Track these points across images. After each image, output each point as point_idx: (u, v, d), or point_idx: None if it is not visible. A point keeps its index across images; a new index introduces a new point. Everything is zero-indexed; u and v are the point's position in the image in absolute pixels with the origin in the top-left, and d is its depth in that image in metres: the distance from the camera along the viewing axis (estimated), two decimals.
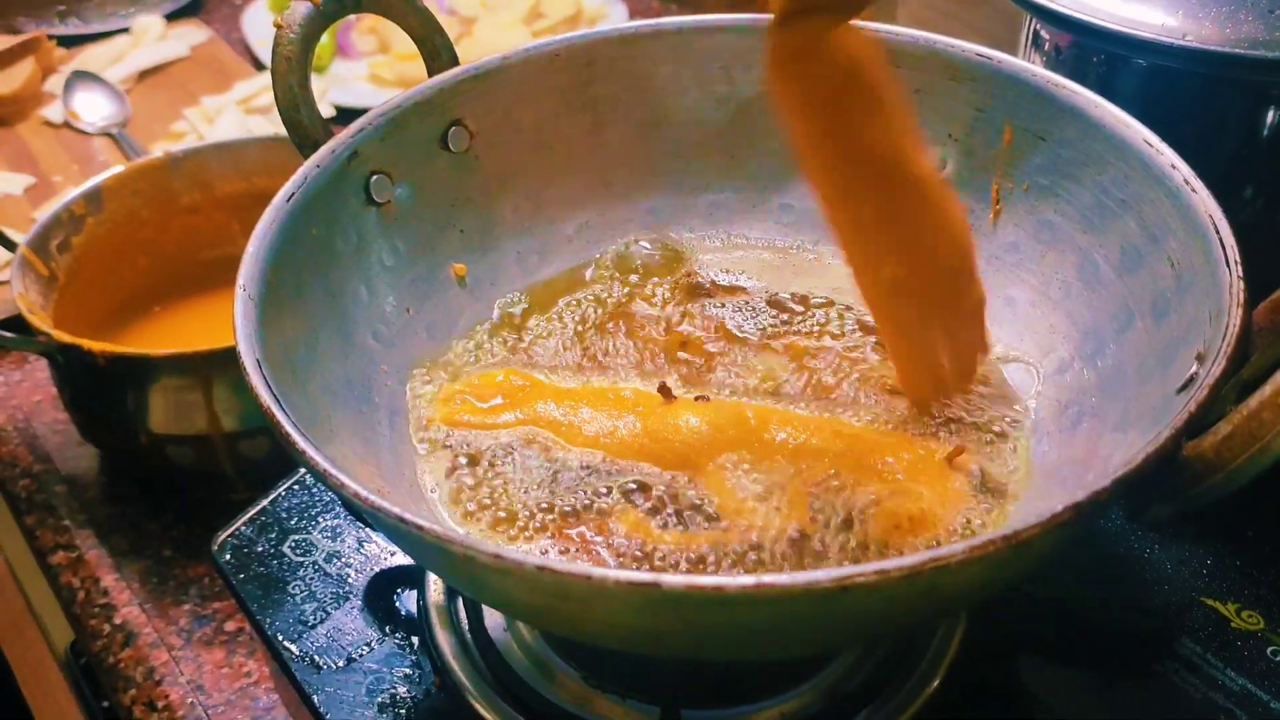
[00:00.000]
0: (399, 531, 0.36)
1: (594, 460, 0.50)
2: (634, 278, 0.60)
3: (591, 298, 0.59)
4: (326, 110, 1.20)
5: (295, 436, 0.39)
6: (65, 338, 0.75)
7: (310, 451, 0.38)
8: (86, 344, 0.74)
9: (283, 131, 1.03)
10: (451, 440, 0.52)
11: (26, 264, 0.81)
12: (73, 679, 0.82)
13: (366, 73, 1.28)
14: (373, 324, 0.54)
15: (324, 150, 0.53)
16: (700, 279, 0.60)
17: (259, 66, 1.29)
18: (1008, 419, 0.51)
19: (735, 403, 0.51)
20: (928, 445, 0.49)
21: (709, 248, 0.63)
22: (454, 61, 0.59)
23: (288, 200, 0.50)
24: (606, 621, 0.37)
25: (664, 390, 0.51)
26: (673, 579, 0.33)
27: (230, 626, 0.73)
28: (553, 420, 0.51)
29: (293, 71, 0.52)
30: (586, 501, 0.49)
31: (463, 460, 0.51)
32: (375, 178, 0.56)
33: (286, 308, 0.48)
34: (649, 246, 0.62)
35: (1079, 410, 0.50)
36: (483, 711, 0.51)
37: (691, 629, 0.36)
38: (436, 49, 0.58)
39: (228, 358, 0.74)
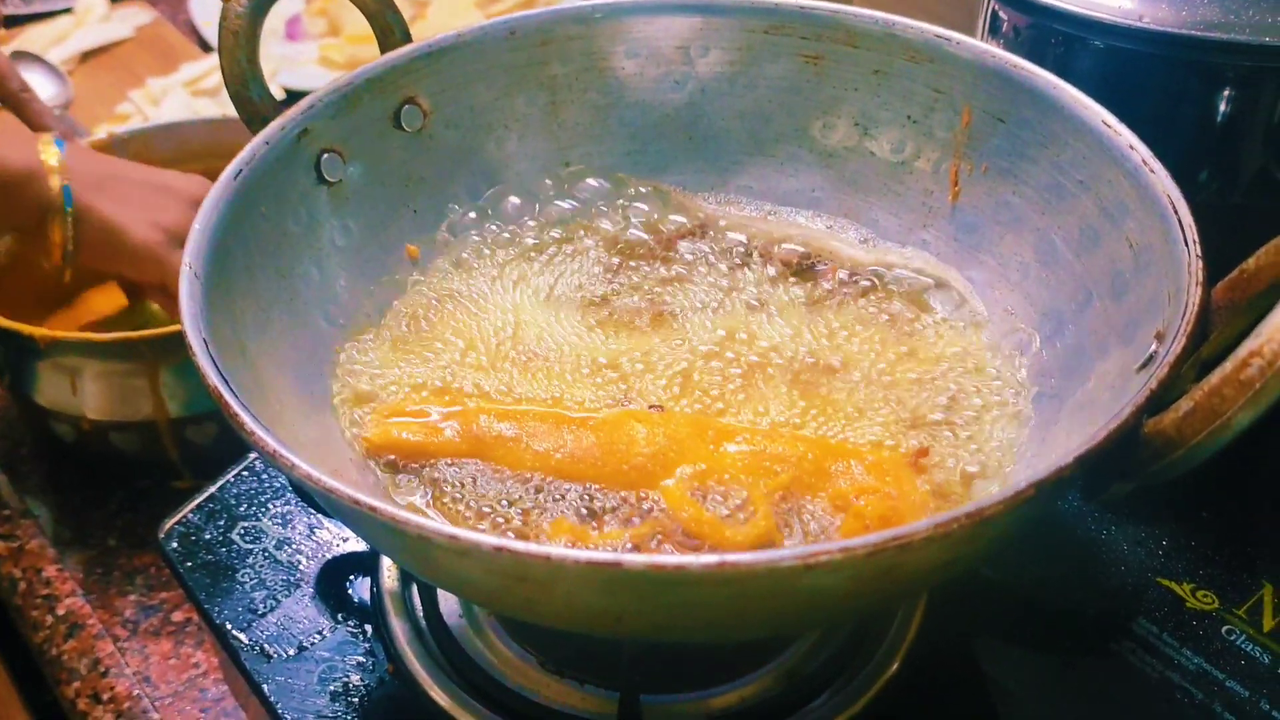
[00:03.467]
0: (354, 514, 0.35)
1: (538, 480, 0.48)
2: (590, 254, 0.60)
3: (547, 276, 0.58)
4: (276, 92, 1.17)
5: (244, 417, 0.38)
6: (5, 323, 0.73)
7: (259, 432, 0.37)
8: (27, 329, 0.72)
9: (230, 113, 1.02)
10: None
11: None
12: (13, 672, 0.80)
13: (317, 55, 1.26)
14: (324, 305, 0.53)
15: (273, 127, 0.52)
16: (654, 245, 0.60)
17: (206, 48, 1.26)
18: (967, 408, 0.51)
19: (691, 415, 0.50)
20: (889, 447, 0.49)
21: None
22: (407, 39, 0.57)
23: (235, 177, 0.49)
24: (565, 603, 0.36)
25: (657, 409, 0.50)
26: (634, 558, 0.32)
27: (178, 617, 0.71)
28: (495, 440, 0.49)
29: (240, 46, 0.51)
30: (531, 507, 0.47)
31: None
32: (326, 156, 0.54)
33: (236, 288, 0.47)
34: (610, 226, 0.61)
35: (1039, 391, 0.50)
36: (437, 698, 0.50)
37: (652, 610, 0.36)
38: (389, 26, 0.57)
39: (174, 342, 0.73)
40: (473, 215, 0.60)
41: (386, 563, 0.56)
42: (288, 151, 0.52)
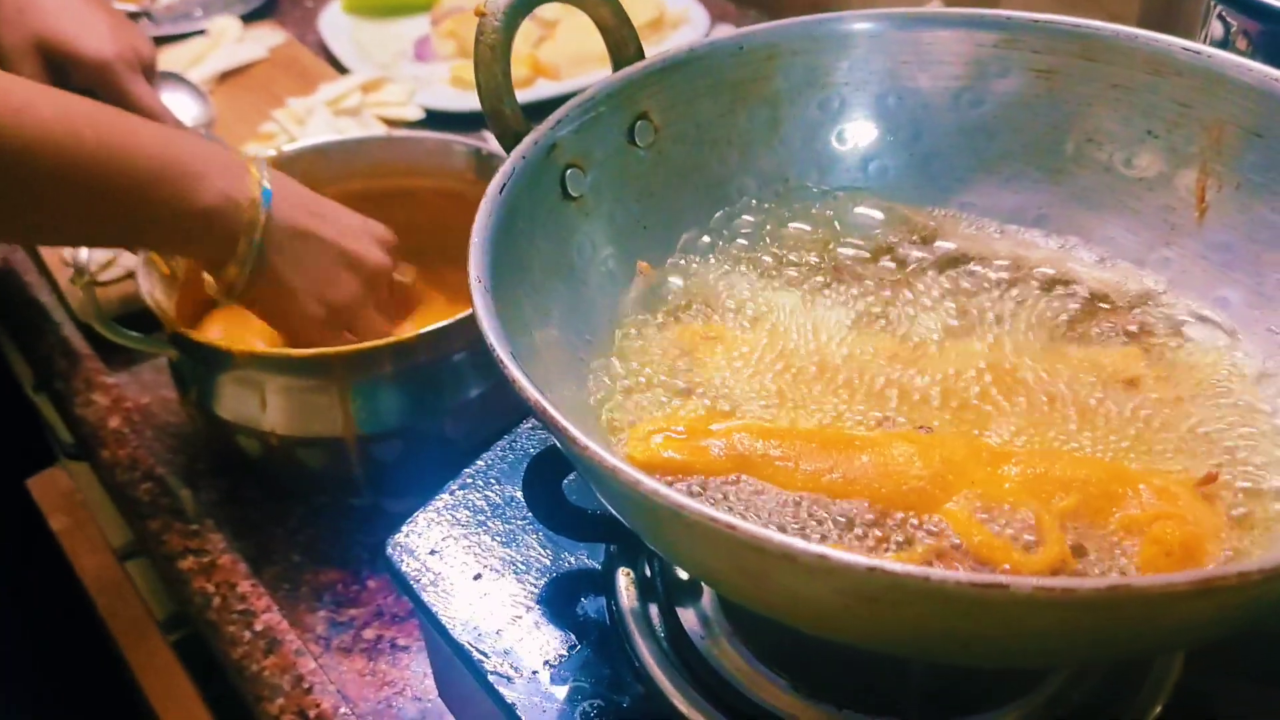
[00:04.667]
0: (709, 533, 0.34)
1: (806, 500, 0.47)
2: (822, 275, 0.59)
3: (784, 295, 0.58)
4: (415, 113, 1.18)
5: (573, 432, 0.37)
6: (201, 338, 0.73)
7: (594, 448, 0.36)
8: (223, 344, 0.73)
9: (380, 130, 1.03)
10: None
11: (150, 263, 0.79)
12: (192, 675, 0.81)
13: (448, 75, 1.26)
14: (573, 321, 0.53)
15: (527, 141, 0.52)
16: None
17: (339, 68, 1.27)
18: (1242, 432, 0.49)
19: (962, 435, 0.49)
20: (1175, 470, 0.47)
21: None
22: (640, 55, 0.57)
23: (500, 191, 0.49)
24: (910, 626, 0.35)
25: (926, 430, 0.49)
26: (1021, 580, 0.31)
27: (369, 634, 0.71)
28: (761, 459, 0.48)
29: (497, 60, 0.51)
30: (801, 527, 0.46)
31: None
32: (570, 171, 0.54)
33: (508, 300, 0.47)
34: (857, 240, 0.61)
35: None
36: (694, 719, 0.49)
37: (1006, 635, 0.34)
38: (624, 41, 0.56)
39: (366, 359, 0.73)
40: (702, 234, 0.59)
41: (623, 581, 0.55)
42: (540, 166, 0.52)
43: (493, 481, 0.61)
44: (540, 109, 1.18)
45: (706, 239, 0.59)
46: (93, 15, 0.90)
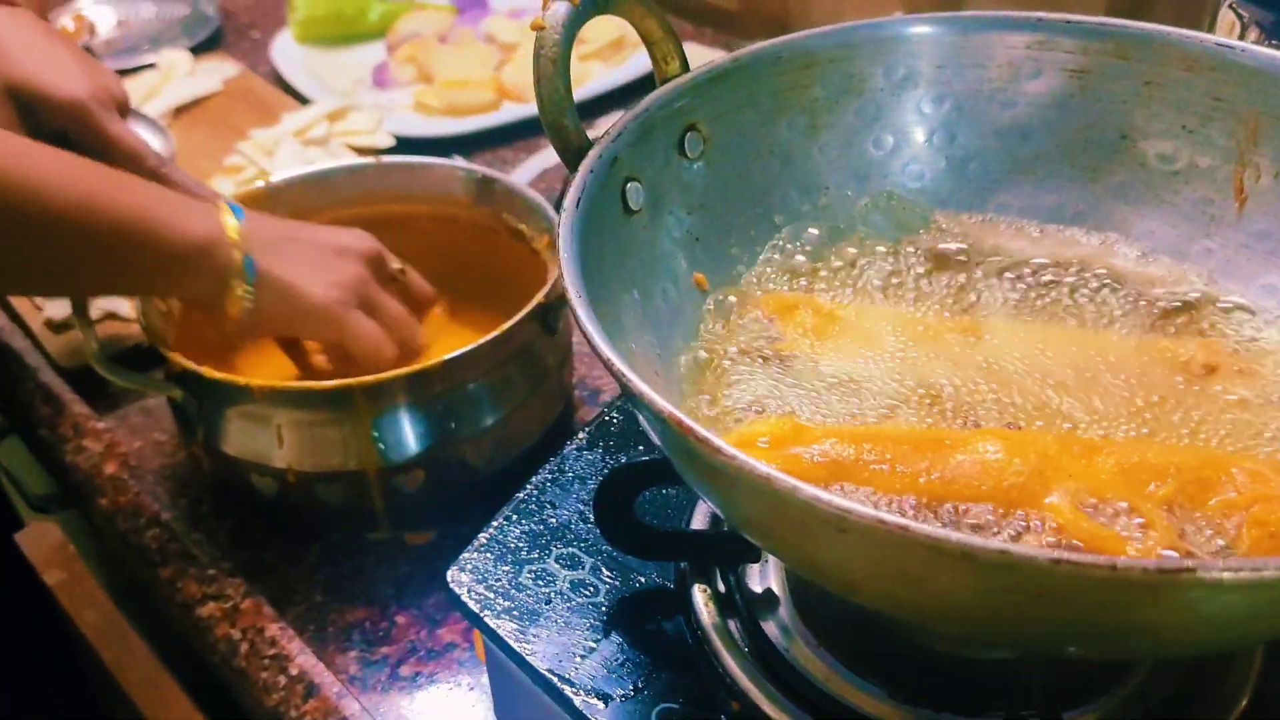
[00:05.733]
0: (867, 531, 0.34)
1: (899, 503, 0.47)
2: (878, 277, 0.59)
3: (842, 298, 0.57)
4: (385, 140, 1.16)
5: (717, 442, 0.36)
6: (216, 374, 0.71)
7: (741, 458, 0.36)
8: (241, 380, 0.70)
9: (356, 159, 1.00)
10: None
11: (148, 300, 0.77)
12: None
13: (411, 102, 1.25)
14: (642, 334, 0.52)
15: (592, 155, 0.51)
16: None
17: (299, 98, 1.25)
18: None
19: (1050, 430, 0.49)
20: (1262, 453, 0.48)
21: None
22: (685, 67, 0.57)
23: (576, 206, 0.48)
24: (1082, 619, 0.35)
25: (1014, 427, 0.49)
26: (1209, 564, 0.31)
27: (405, 671, 0.69)
28: (855, 464, 0.48)
29: (559, 74, 0.50)
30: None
31: None
32: (630, 184, 0.53)
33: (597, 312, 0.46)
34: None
35: None
36: None
37: (1178, 620, 0.35)
38: (670, 53, 0.56)
39: (387, 389, 0.72)
40: (750, 246, 0.59)
41: (700, 598, 0.54)
42: (605, 181, 0.51)
43: (547, 506, 0.60)
44: (506, 133, 1.19)
45: (756, 251, 0.59)
46: (61, 56, 0.87)
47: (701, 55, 1.20)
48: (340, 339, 0.75)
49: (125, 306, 0.92)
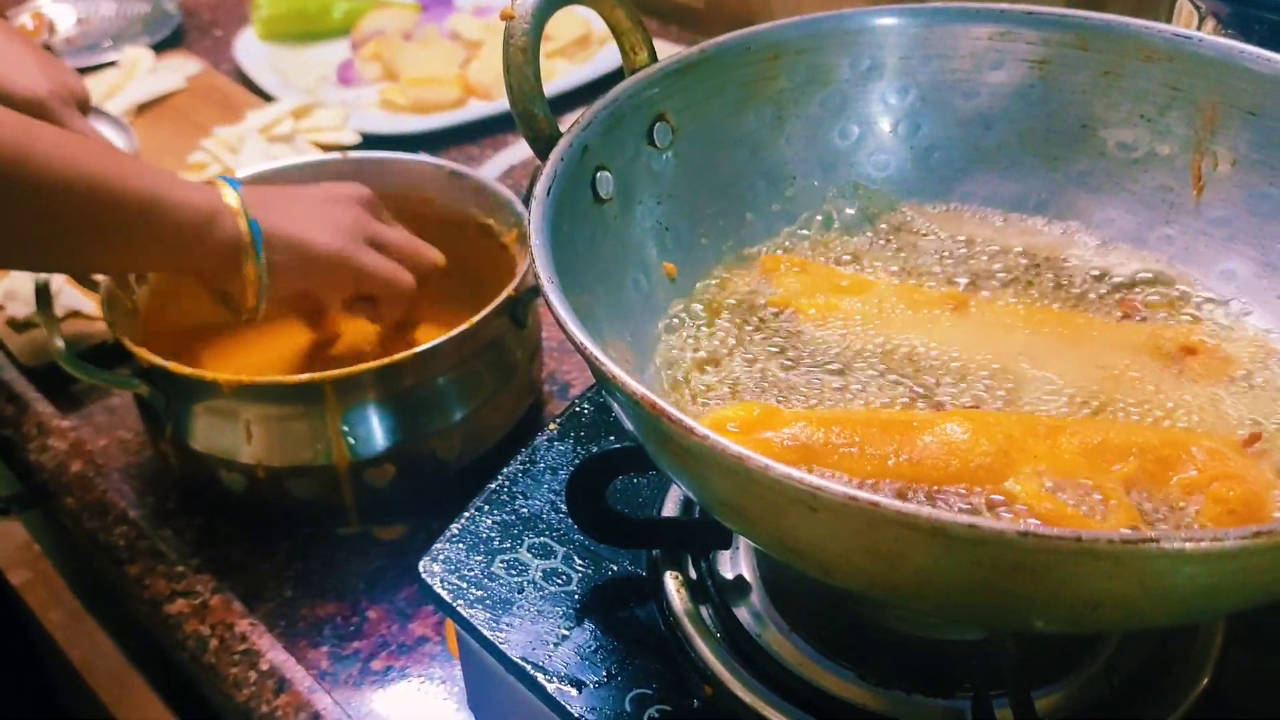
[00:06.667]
0: (838, 508, 0.34)
1: (884, 483, 0.47)
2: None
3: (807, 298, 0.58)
4: (351, 137, 1.16)
5: (698, 428, 0.37)
6: (184, 370, 0.70)
7: (714, 438, 0.36)
8: (210, 375, 0.70)
9: (319, 155, 1.00)
10: None
11: (113, 298, 0.76)
12: None
13: (377, 99, 1.24)
14: (613, 321, 0.52)
15: (562, 144, 0.51)
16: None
17: (263, 96, 1.24)
18: (1271, 392, 0.51)
19: (1015, 411, 0.50)
20: (1220, 432, 0.49)
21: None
22: (654, 58, 0.57)
23: (547, 193, 0.48)
24: (1051, 592, 0.35)
25: (973, 407, 0.50)
26: (1171, 534, 0.32)
27: (377, 665, 0.69)
28: (825, 447, 0.48)
29: (529, 63, 0.50)
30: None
31: None
32: (600, 173, 0.54)
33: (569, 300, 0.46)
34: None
35: None
36: (769, 715, 0.49)
37: (1144, 591, 0.35)
38: (638, 44, 0.56)
39: (357, 382, 0.71)
40: (719, 236, 0.59)
41: (672, 585, 0.54)
42: (575, 170, 0.51)
43: (519, 496, 0.60)
44: (473, 130, 1.19)
45: (725, 241, 0.59)
46: (20, 53, 0.86)
47: (668, 52, 1.21)
48: (356, 280, 0.75)
49: (90, 304, 0.91)
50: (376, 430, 0.73)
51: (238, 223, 0.69)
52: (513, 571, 0.56)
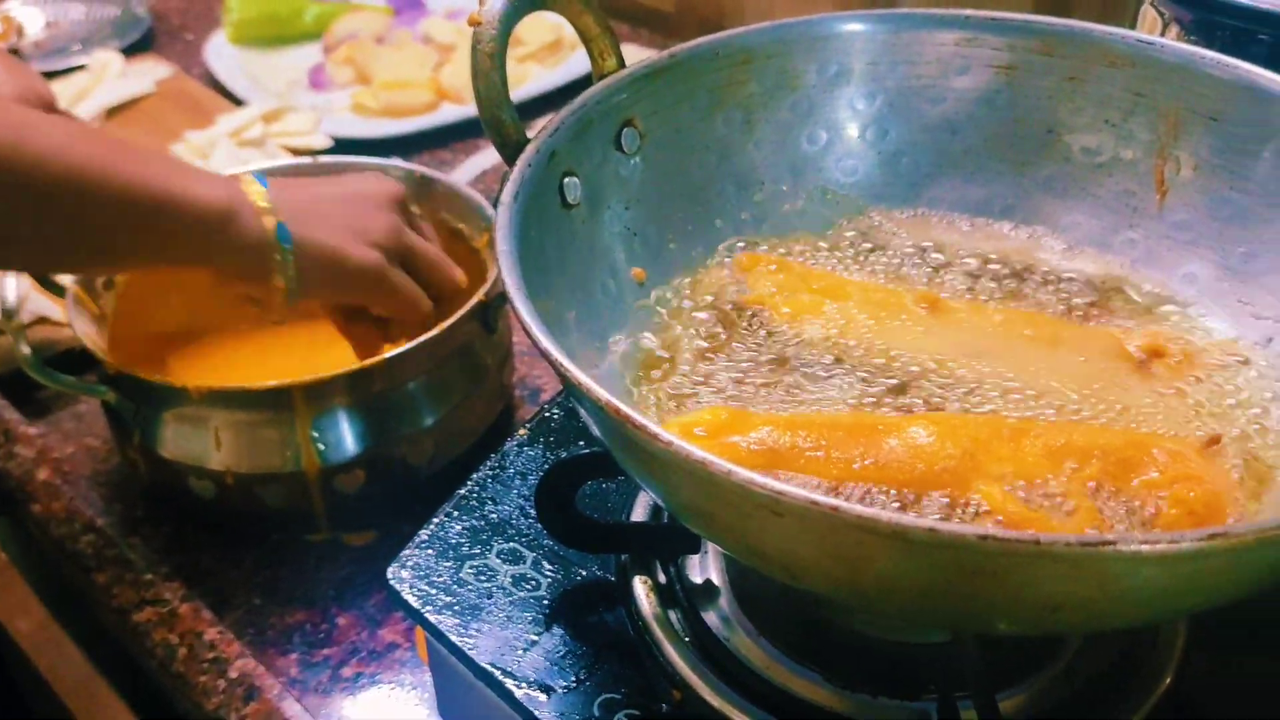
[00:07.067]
0: (800, 512, 0.34)
1: (849, 486, 0.48)
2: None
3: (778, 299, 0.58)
4: (322, 141, 1.16)
5: (653, 429, 0.37)
6: (154, 377, 0.70)
7: (682, 447, 0.36)
8: (178, 382, 0.70)
9: (292, 159, 0.99)
10: None
11: (80, 304, 0.76)
12: None
13: (349, 103, 1.24)
14: (583, 326, 0.52)
15: (530, 149, 0.51)
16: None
17: (233, 100, 1.23)
18: (1230, 395, 0.52)
19: (981, 414, 0.50)
20: (1182, 435, 0.49)
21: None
22: (622, 63, 0.57)
23: (514, 199, 0.48)
24: (1011, 594, 0.36)
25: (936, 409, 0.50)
26: (1128, 537, 0.32)
27: (347, 673, 0.69)
28: (791, 451, 0.48)
29: (495, 69, 0.50)
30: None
31: None
32: (568, 179, 0.54)
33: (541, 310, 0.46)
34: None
35: None
36: (736, 719, 0.49)
37: (1099, 596, 0.35)
38: (606, 49, 0.56)
39: (326, 388, 0.71)
40: (689, 241, 0.60)
41: (641, 589, 0.54)
42: (543, 175, 0.51)
43: (488, 502, 0.60)
44: (445, 134, 1.19)
45: (694, 246, 0.60)
46: None
47: (639, 56, 1.21)
48: (382, 299, 0.73)
49: (57, 310, 0.90)
50: (346, 436, 0.73)
51: (262, 222, 0.66)
52: (482, 577, 0.56)
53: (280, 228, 0.66)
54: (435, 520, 0.59)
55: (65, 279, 0.77)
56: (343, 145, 1.15)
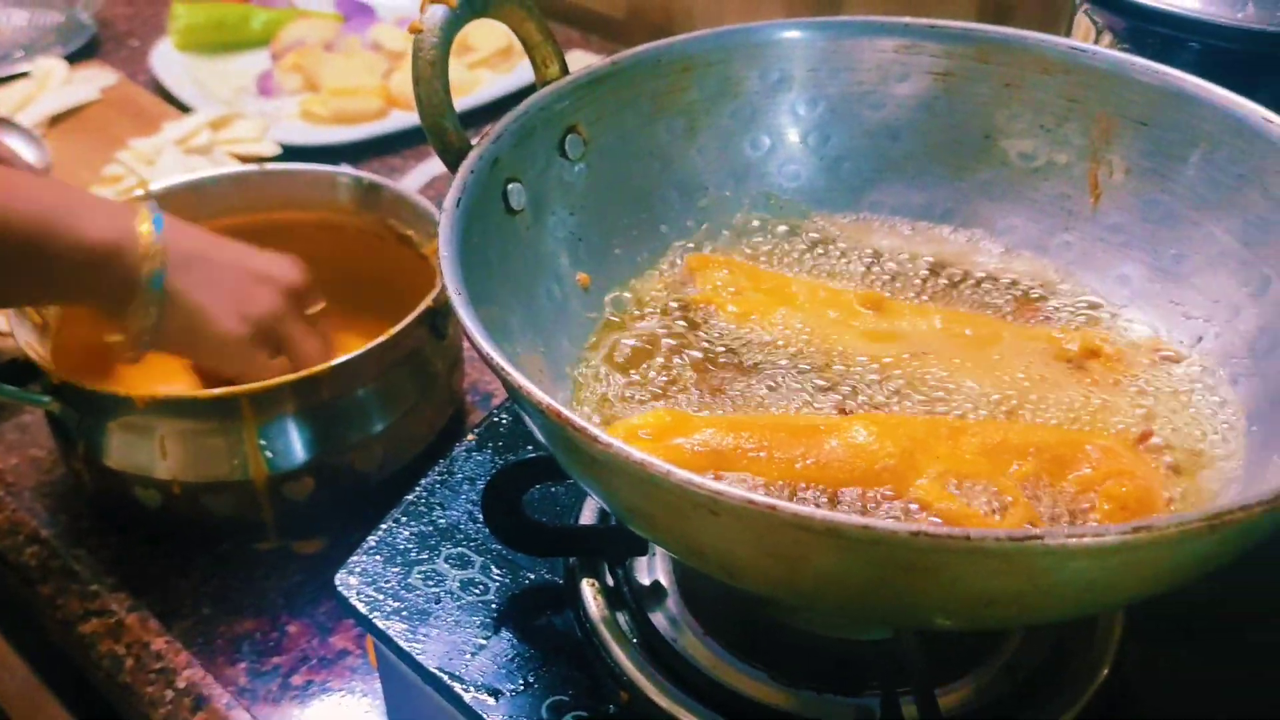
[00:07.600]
0: (747, 514, 0.35)
1: (790, 486, 0.48)
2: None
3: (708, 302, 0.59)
4: (270, 148, 1.15)
5: (593, 432, 0.37)
6: (100, 387, 0.69)
7: (629, 451, 0.37)
8: (122, 391, 0.69)
9: (238, 167, 0.98)
10: None
11: (22, 314, 0.75)
12: None
13: (297, 110, 1.23)
14: (526, 333, 0.53)
15: (473, 156, 0.51)
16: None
17: (180, 107, 1.22)
18: (1163, 394, 0.53)
19: (918, 414, 0.51)
20: (1114, 431, 0.51)
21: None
22: (565, 70, 0.58)
23: (456, 205, 0.49)
24: (949, 589, 0.36)
25: (842, 411, 0.51)
26: (1055, 531, 0.33)
27: (297, 680, 0.68)
28: (734, 452, 0.49)
29: (437, 76, 0.50)
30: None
31: None
32: (511, 185, 0.54)
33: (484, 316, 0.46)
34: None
35: (1233, 372, 0.53)
36: (683, 719, 0.50)
37: (1034, 586, 0.36)
38: (550, 56, 0.57)
39: (274, 396, 0.71)
40: (633, 247, 0.60)
41: (589, 592, 0.55)
42: (486, 182, 0.52)
43: (436, 507, 0.60)
44: (395, 140, 1.18)
45: (639, 252, 0.60)
46: None
47: (589, 62, 1.22)
48: (234, 371, 0.72)
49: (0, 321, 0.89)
50: (295, 443, 0.73)
51: (140, 267, 0.65)
52: (430, 582, 0.57)
53: (156, 274, 0.65)
54: (383, 526, 0.59)
55: None
56: (291, 152, 1.14)
